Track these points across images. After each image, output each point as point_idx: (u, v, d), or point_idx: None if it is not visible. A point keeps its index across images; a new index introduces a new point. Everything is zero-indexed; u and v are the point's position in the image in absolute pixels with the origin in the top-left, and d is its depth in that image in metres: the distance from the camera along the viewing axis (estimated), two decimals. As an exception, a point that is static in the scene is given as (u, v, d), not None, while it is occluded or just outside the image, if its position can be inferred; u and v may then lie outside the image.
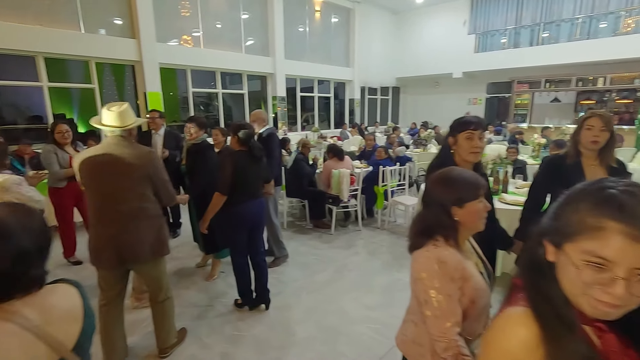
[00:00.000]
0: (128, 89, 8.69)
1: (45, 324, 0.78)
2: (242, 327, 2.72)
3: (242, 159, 2.64)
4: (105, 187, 2.02)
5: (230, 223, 2.69)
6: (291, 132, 10.30)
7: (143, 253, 2.11)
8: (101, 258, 2.07)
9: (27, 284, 0.78)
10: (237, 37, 9.09)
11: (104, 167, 2.00)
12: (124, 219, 2.05)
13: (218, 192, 2.58)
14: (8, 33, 5.77)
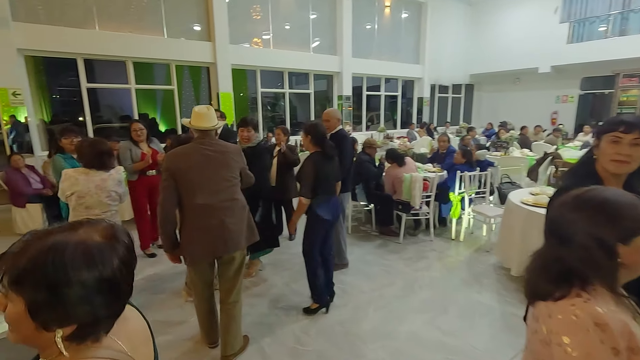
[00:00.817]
0: (203, 90, 9.19)
1: (132, 351, 0.71)
2: (305, 340, 2.55)
3: (319, 160, 2.63)
4: (210, 182, 2.10)
5: (313, 223, 2.72)
6: (355, 132, 10.06)
7: (241, 241, 2.23)
8: (205, 254, 2.15)
9: (121, 310, 0.70)
10: (305, 37, 9.11)
11: (209, 162, 2.10)
12: (226, 210, 2.15)
13: (301, 196, 2.60)
14: (105, 41, 6.39)
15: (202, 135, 2.15)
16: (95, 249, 0.62)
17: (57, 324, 0.61)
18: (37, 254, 0.58)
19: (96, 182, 2.48)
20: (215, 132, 2.23)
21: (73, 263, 0.59)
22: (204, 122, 2.13)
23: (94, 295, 0.61)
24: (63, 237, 0.62)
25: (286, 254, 4.00)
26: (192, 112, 2.16)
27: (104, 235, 0.65)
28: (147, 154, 3.89)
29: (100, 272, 0.62)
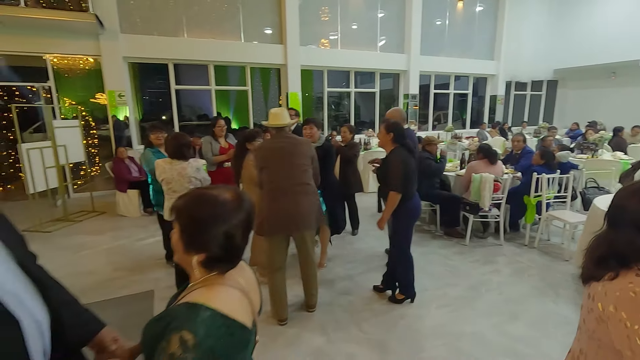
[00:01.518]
0: (272, 90, 9.71)
1: (247, 289, 0.92)
2: (367, 328, 2.65)
3: (406, 155, 2.71)
4: (284, 168, 2.49)
5: (406, 217, 2.80)
6: (421, 132, 9.82)
7: (311, 221, 2.60)
8: (278, 226, 2.52)
9: (241, 254, 0.93)
10: (372, 36, 9.14)
11: (283, 152, 2.50)
12: (298, 194, 2.52)
13: (394, 192, 2.65)
14: (191, 47, 7.13)
15: (277, 132, 2.57)
16: (225, 201, 0.87)
17: (194, 249, 0.85)
18: (189, 198, 0.88)
19: (178, 170, 2.86)
20: (288, 128, 2.63)
21: (209, 206, 0.85)
22: (278, 121, 2.55)
23: (219, 235, 0.84)
24: (207, 191, 0.89)
25: (349, 249, 4.13)
26: (268, 114, 2.59)
27: (234, 197, 0.89)
28: (226, 148, 4.31)
29: (224, 219, 0.84)
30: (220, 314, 0.79)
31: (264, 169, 2.53)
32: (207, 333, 0.75)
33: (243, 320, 0.84)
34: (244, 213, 0.88)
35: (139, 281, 3.39)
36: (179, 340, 0.72)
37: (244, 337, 0.84)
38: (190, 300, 0.81)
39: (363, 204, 4.98)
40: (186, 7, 7.10)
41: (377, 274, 3.41)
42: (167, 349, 0.72)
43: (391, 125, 2.73)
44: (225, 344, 0.78)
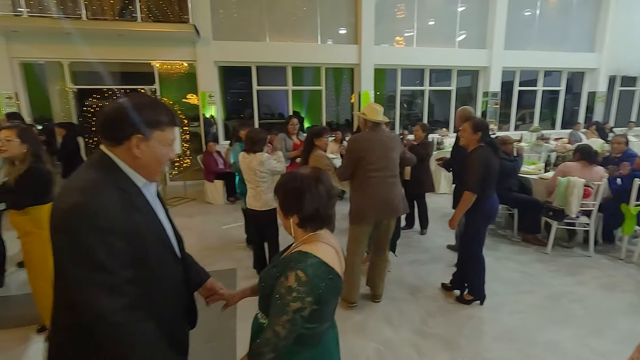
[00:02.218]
0: (343, 90, 9.92)
1: (338, 251, 1.14)
2: (432, 323, 2.69)
3: (489, 155, 2.67)
4: (382, 160, 2.66)
5: (480, 218, 2.76)
6: (502, 132, 9.17)
7: (400, 209, 2.78)
8: (377, 212, 2.69)
9: (329, 219, 1.14)
10: (450, 32, 8.80)
11: (382, 145, 2.67)
12: (391, 184, 2.72)
13: (469, 192, 2.64)
14: (272, 50, 7.67)
15: (375, 126, 2.70)
16: (305, 176, 1.11)
17: (290, 214, 1.11)
18: (282, 177, 1.17)
19: (247, 162, 3.18)
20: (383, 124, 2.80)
21: (294, 181, 1.11)
22: (378, 116, 2.69)
23: (304, 200, 1.08)
24: (294, 171, 1.16)
25: (416, 247, 4.14)
26: (367, 107, 2.75)
27: (312, 173, 1.13)
28: (298, 145, 4.63)
29: (306, 188, 1.08)
30: (322, 262, 1.03)
31: (362, 159, 2.64)
32: (315, 274, 0.99)
33: (337, 270, 1.08)
34: (322, 184, 1.10)
35: (223, 260, 3.84)
36: (294, 276, 0.97)
37: (339, 284, 1.07)
38: (300, 249, 1.07)
39: (434, 205, 4.92)
40: (269, 13, 7.65)
41: (444, 273, 3.40)
42: (286, 283, 0.98)
43: (479, 124, 2.69)
44: (326, 286, 1.02)
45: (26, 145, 2.35)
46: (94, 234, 0.85)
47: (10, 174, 2.34)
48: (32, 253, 2.44)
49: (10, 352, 2.40)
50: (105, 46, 6.68)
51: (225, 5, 7.43)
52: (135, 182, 1.00)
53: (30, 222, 2.39)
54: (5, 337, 2.56)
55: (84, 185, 0.91)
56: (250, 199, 3.27)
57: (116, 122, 0.96)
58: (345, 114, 9.94)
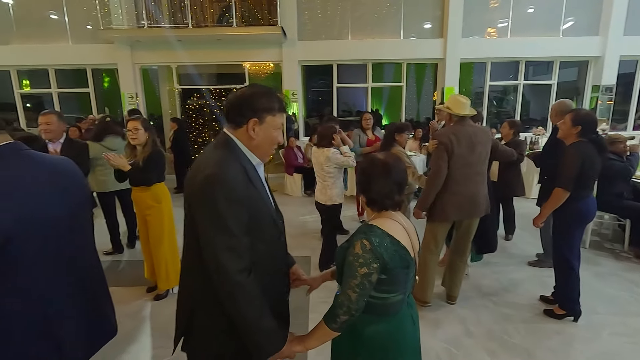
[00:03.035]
0: (425, 86, 9.55)
1: (408, 229, 1.21)
2: (514, 334, 2.50)
3: (590, 151, 2.43)
4: (470, 156, 2.53)
5: (572, 221, 2.53)
6: (615, 132, 7.87)
7: (484, 208, 2.66)
8: (461, 211, 2.59)
9: (395, 203, 1.21)
10: (554, 18, 7.84)
11: (470, 140, 2.52)
12: (477, 182, 2.59)
13: (561, 188, 2.44)
14: (354, 48, 7.76)
15: (460, 121, 2.57)
16: (379, 162, 1.21)
17: (361, 192, 1.25)
18: (364, 159, 1.31)
19: (316, 157, 3.34)
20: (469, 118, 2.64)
21: (368, 165, 1.23)
22: (464, 110, 2.54)
23: (374, 183, 1.18)
24: (373, 155, 1.25)
25: (500, 253, 3.83)
26: (451, 100, 2.60)
27: (387, 160, 1.21)
28: (372, 140, 4.64)
29: (378, 174, 1.19)
30: (387, 234, 1.13)
31: (450, 152, 2.50)
32: (379, 243, 1.09)
33: (404, 244, 1.15)
34: (391, 173, 1.18)
35: (299, 247, 4.07)
36: (360, 244, 1.09)
37: (405, 256, 1.14)
38: (368, 222, 1.20)
39: (523, 210, 4.49)
40: (353, 11, 7.74)
41: (528, 283, 3.16)
42: (353, 251, 1.10)
43: (581, 117, 2.43)
44: (391, 255, 1.10)
45: (148, 132, 2.83)
46: (224, 201, 1.03)
47: (137, 156, 2.83)
48: (153, 223, 2.92)
49: (128, 305, 2.91)
50: (205, 50, 7.51)
51: (310, 6, 7.74)
52: (251, 160, 1.17)
53: (151, 197, 2.88)
54: (124, 292, 3.10)
55: (216, 160, 1.09)
56: (317, 192, 3.42)
57: (238, 108, 1.14)
58: (427, 111, 9.57)
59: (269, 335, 1.12)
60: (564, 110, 3.06)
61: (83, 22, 7.64)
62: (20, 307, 0.98)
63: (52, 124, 3.03)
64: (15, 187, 0.97)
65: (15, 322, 0.98)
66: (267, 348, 1.12)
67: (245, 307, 1.07)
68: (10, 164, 1.00)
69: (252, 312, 1.08)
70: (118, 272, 3.60)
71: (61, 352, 1.06)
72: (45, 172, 1.07)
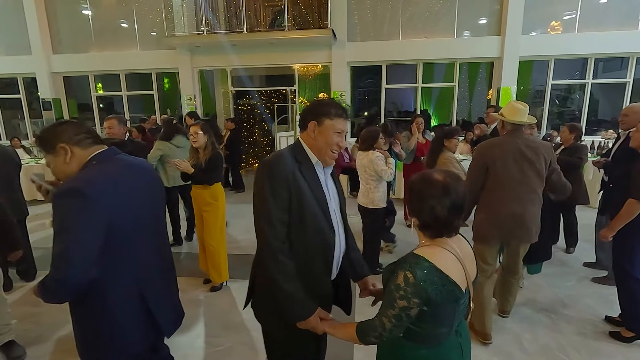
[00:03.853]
0: (478, 85, 9.11)
1: (462, 257, 1.10)
2: (576, 356, 2.34)
3: None
4: (518, 172, 2.26)
5: (635, 232, 2.36)
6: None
7: (533, 233, 2.35)
8: (497, 233, 2.35)
9: (453, 228, 1.11)
10: (631, 9, 7.09)
11: (520, 154, 2.25)
12: (527, 202, 2.29)
13: (635, 199, 2.26)
14: (404, 48, 7.64)
15: (515, 130, 2.30)
16: (435, 181, 1.08)
17: (412, 214, 1.14)
18: (418, 175, 1.16)
19: (360, 159, 3.32)
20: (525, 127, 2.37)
21: (421, 183, 1.12)
22: (519, 117, 2.27)
23: (426, 206, 1.07)
24: (428, 172, 1.14)
25: (559, 267, 3.60)
26: (508, 106, 2.36)
27: (444, 180, 1.08)
28: (423, 144, 4.54)
29: (430, 195, 1.07)
30: (435, 267, 1.02)
31: (489, 168, 2.29)
32: (424, 277, 1.00)
33: (455, 278, 1.04)
34: (449, 195, 1.05)
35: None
36: (403, 276, 1.02)
37: (454, 291, 1.04)
38: (416, 252, 1.09)
39: (586, 220, 4.15)
40: (404, 11, 7.61)
41: (590, 299, 2.94)
42: (395, 280, 1.03)
43: None
44: (437, 291, 1.01)
45: (207, 135, 3.04)
46: (268, 180, 1.26)
47: (199, 158, 3.07)
48: (210, 219, 3.14)
49: (186, 293, 3.16)
50: (258, 53, 7.82)
51: (360, 7, 7.73)
52: (310, 159, 1.35)
53: (209, 195, 3.11)
54: (182, 282, 3.36)
55: (276, 153, 1.37)
56: (360, 194, 3.42)
57: (304, 114, 1.38)
58: (479, 111, 9.14)
59: (292, 299, 1.26)
60: (638, 112, 2.82)
61: (149, 29, 8.32)
62: (129, 281, 1.26)
63: (113, 128, 3.38)
64: (116, 181, 1.22)
65: (120, 296, 1.24)
66: (288, 310, 1.28)
67: (274, 268, 1.26)
68: (109, 164, 1.27)
69: (279, 275, 1.25)
70: (178, 262, 3.90)
71: (156, 325, 1.35)
72: (134, 171, 1.33)
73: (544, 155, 2.26)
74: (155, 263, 1.36)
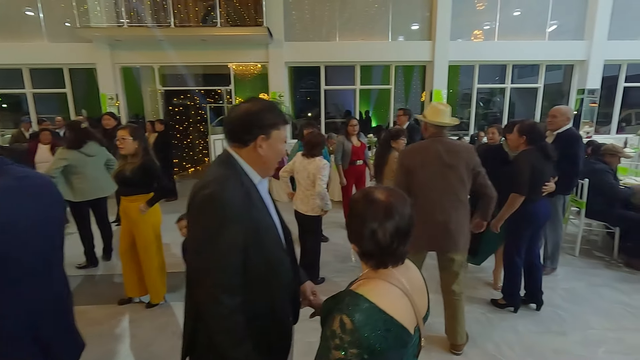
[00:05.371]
0: (413, 88, 9.51)
1: (411, 291, 0.92)
2: (508, 354, 2.40)
3: (538, 159, 2.62)
4: (437, 177, 2.17)
5: (521, 221, 2.68)
6: (599, 135, 7.98)
7: (460, 244, 2.23)
8: (422, 243, 2.23)
9: (398, 257, 0.91)
10: (540, 22, 7.88)
11: (439, 158, 2.17)
12: (449, 208, 2.18)
13: (515, 193, 2.58)
14: (342, 49, 7.63)
15: (438, 132, 2.24)
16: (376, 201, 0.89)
17: (351, 240, 0.94)
18: (359, 193, 0.96)
19: (304, 165, 3.15)
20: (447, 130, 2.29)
21: (361, 204, 0.91)
22: (440, 118, 2.21)
23: (366, 232, 0.87)
24: (370, 190, 0.93)
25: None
26: (429, 108, 2.28)
27: (387, 200, 0.89)
28: (358, 147, 4.50)
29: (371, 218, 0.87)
30: (378, 308, 0.83)
31: (411, 174, 2.22)
32: (364, 322, 0.81)
33: (401, 319, 0.86)
34: (393, 219, 0.86)
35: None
36: (339, 321, 0.82)
37: (401, 336, 0.86)
38: (354, 289, 0.90)
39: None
40: (341, 12, 7.61)
41: None
42: (331, 325, 0.83)
43: (526, 128, 2.65)
44: (381, 337, 0.82)
45: (137, 141, 2.64)
46: (218, 219, 1.01)
47: (125, 166, 2.68)
48: (142, 234, 2.79)
49: (101, 326, 2.70)
50: (189, 50, 7.27)
51: (297, 7, 7.57)
52: (252, 179, 1.13)
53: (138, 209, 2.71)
54: (100, 310, 2.89)
55: (216, 178, 1.07)
56: (297, 200, 3.25)
57: (243, 126, 1.11)
58: (415, 113, 9.53)
59: None
60: (564, 114, 3.17)
61: (60, 19, 7.30)
62: (13, 312, 0.99)
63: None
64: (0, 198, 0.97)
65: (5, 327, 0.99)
66: None
67: (218, 327, 1.04)
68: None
69: (225, 336, 1.04)
70: (93, 287, 3.37)
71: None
72: (26, 186, 1.05)
73: (465, 160, 2.19)
74: (48, 294, 1.10)
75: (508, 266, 2.83)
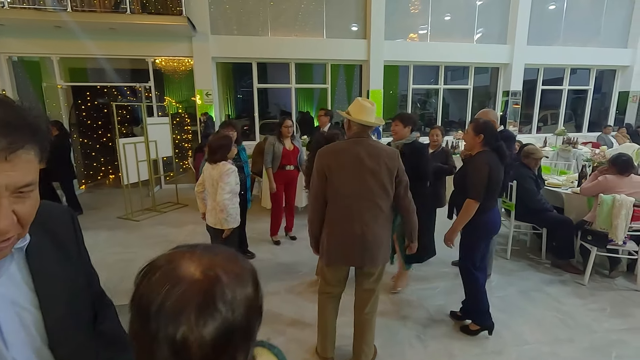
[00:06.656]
0: (355, 88, 9.35)
1: None
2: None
3: (495, 161, 2.37)
4: (355, 182, 1.94)
5: (477, 231, 2.46)
6: (522, 135, 8.46)
7: (377, 256, 2.00)
8: (337, 255, 2.02)
9: None
10: (468, 27, 8.13)
11: (357, 161, 1.93)
12: (368, 218, 1.95)
13: (472, 199, 2.34)
14: (275, 46, 7.14)
15: (360, 132, 1.98)
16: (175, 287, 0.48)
17: None
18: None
19: (209, 172, 2.72)
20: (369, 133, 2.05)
21: (155, 290, 0.49)
22: (365, 116, 1.96)
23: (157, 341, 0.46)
24: (170, 264, 0.51)
25: (427, 265, 3.57)
26: (354, 104, 2.00)
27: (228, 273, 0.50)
28: (290, 150, 4.08)
29: (164, 318, 0.46)
30: None
31: (329, 182, 1.97)
32: None
33: None
34: (217, 311, 0.47)
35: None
36: None
37: None
38: None
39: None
40: (272, 7, 7.13)
41: (450, 298, 2.88)
42: None
43: (481, 125, 2.41)
44: None
45: None
46: None
47: None
48: None
49: None
50: (97, 41, 6.28)
51: (224, -2, 6.95)
52: None
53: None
54: None
55: None
56: (207, 213, 2.79)
57: None
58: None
59: None
60: (491, 117, 2.91)
61: None
62: None
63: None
64: None
65: None
66: None
67: None
68: None
69: None
70: None
71: None
72: None
73: (386, 164, 1.94)
74: None
75: (469, 283, 2.54)
